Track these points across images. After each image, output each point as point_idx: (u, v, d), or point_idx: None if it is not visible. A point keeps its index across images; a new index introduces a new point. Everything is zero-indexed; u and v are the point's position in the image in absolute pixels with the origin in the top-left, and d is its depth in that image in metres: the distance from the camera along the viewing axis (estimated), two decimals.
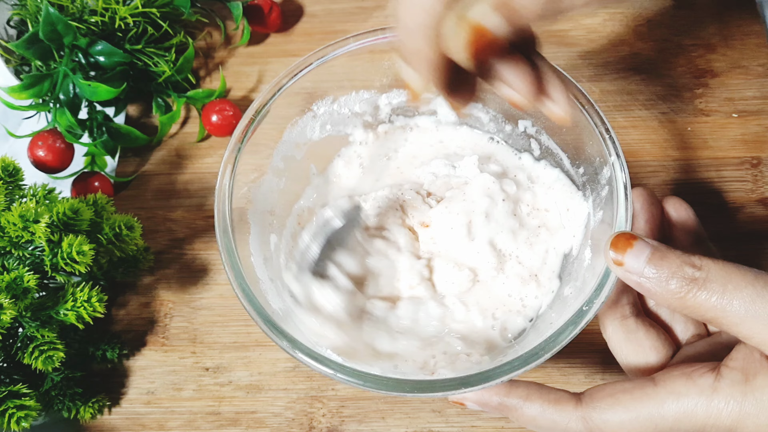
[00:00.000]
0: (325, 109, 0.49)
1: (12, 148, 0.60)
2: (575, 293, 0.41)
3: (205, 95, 0.61)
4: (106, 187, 0.57)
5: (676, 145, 0.56)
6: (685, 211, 0.43)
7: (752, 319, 0.31)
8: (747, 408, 0.31)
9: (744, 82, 0.58)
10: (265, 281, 0.43)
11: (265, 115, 0.45)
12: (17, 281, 0.42)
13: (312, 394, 0.50)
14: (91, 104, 0.58)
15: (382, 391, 0.36)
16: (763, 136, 0.56)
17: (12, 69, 0.58)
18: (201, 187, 0.58)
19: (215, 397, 0.50)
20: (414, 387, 0.36)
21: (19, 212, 0.43)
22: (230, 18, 0.64)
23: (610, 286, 0.37)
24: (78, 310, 0.44)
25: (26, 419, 0.43)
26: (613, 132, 0.41)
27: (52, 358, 0.44)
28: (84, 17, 0.57)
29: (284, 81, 0.45)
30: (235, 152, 0.43)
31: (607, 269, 0.37)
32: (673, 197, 0.44)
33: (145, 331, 0.53)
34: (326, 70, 0.46)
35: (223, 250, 0.40)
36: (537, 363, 0.35)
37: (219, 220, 0.41)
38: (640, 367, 0.37)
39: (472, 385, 0.35)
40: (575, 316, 0.36)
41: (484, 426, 0.47)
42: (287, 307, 0.42)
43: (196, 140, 0.61)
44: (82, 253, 0.43)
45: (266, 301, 0.41)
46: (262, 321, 0.38)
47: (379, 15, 0.65)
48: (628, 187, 0.40)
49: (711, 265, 0.32)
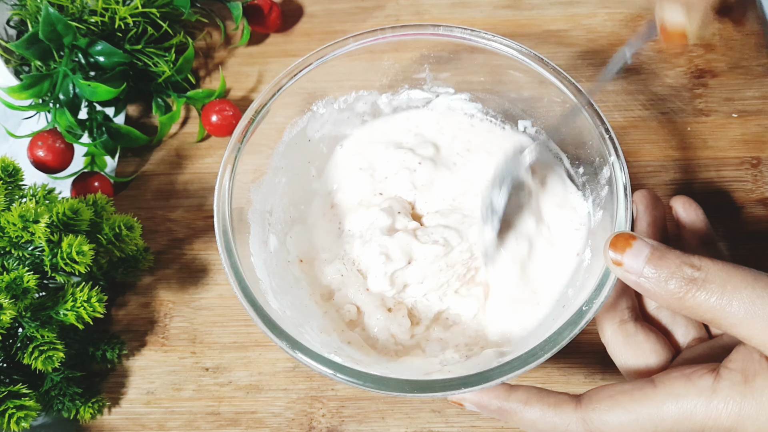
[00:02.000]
0: (325, 109, 0.49)
1: (12, 148, 0.60)
2: (575, 293, 0.41)
3: (204, 95, 0.61)
4: (106, 188, 0.57)
5: (676, 145, 0.56)
6: (694, 211, 0.43)
7: (751, 319, 0.31)
8: (746, 409, 0.31)
9: (744, 82, 0.58)
10: (265, 281, 0.43)
11: (264, 115, 0.45)
12: (17, 281, 0.42)
13: (312, 394, 0.50)
14: (90, 104, 0.58)
15: (381, 391, 0.36)
16: (763, 136, 0.56)
17: (12, 69, 0.58)
18: (201, 187, 0.58)
19: (215, 398, 0.50)
20: (414, 387, 0.36)
21: (19, 212, 0.43)
22: (230, 18, 0.64)
23: (609, 286, 0.37)
24: (78, 311, 0.44)
25: (26, 419, 0.43)
26: (613, 132, 0.41)
27: (52, 358, 0.44)
28: (84, 17, 0.57)
29: (284, 81, 0.45)
30: (235, 152, 0.43)
31: (606, 270, 0.37)
32: (682, 196, 0.44)
33: (145, 332, 0.53)
34: (326, 70, 0.46)
35: (223, 250, 0.40)
36: (537, 363, 0.35)
37: (219, 220, 0.41)
38: (640, 370, 0.37)
39: (472, 385, 0.35)
40: (575, 316, 0.36)
41: (484, 426, 0.47)
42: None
43: (195, 140, 0.61)
44: (82, 253, 0.43)
45: (266, 301, 0.41)
46: (262, 321, 0.38)
47: (379, 15, 0.65)
48: (628, 188, 0.40)
49: (710, 266, 0.32)
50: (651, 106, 0.58)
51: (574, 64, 0.60)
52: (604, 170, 0.42)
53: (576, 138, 0.44)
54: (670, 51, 0.60)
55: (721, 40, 0.61)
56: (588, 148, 0.43)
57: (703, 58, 0.60)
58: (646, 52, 0.60)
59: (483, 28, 0.62)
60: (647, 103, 0.58)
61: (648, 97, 0.59)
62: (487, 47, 0.46)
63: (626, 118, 0.58)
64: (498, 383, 0.35)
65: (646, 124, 0.57)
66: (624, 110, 0.58)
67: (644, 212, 0.42)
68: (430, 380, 0.36)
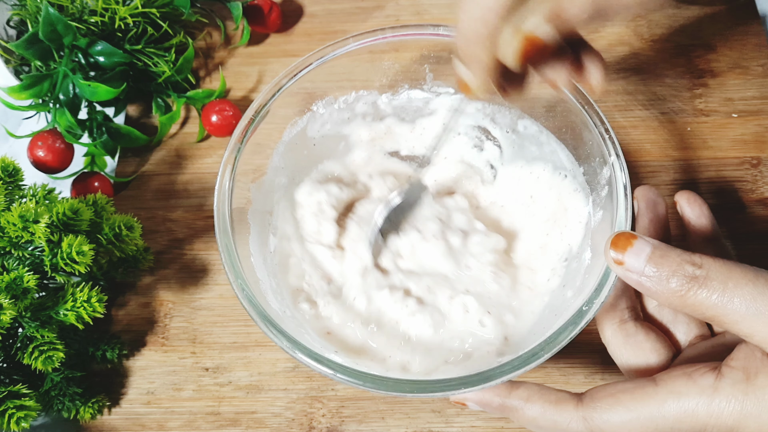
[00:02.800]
0: (325, 109, 0.49)
1: (12, 148, 0.60)
2: (575, 293, 0.41)
3: (204, 95, 0.61)
4: (106, 188, 0.57)
5: (676, 146, 0.56)
6: (698, 207, 0.43)
7: (753, 316, 0.31)
8: (748, 407, 0.31)
9: (744, 82, 0.58)
10: (265, 281, 0.43)
11: (264, 115, 0.45)
12: (17, 281, 0.42)
13: (312, 395, 0.49)
14: (90, 104, 0.58)
15: (381, 391, 0.36)
16: (763, 136, 0.56)
17: (12, 69, 0.58)
18: (201, 187, 0.58)
19: (215, 398, 0.50)
20: (414, 387, 0.36)
21: (19, 212, 0.43)
22: (230, 18, 0.64)
23: (609, 286, 0.37)
24: (78, 311, 0.44)
25: (26, 419, 0.43)
26: (613, 132, 0.41)
27: (52, 358, 0.44)
28: (84, 17, 0.57)
29: (284, 81, 0.45)
30: (235, 152, 0.43)
31: (607, 269, 0.37)
32: (686, 192, 0.43)
33: (145, 332, 0.53)
34: (326, 70, 0.47)
35: (223, 250, 0.40)
36: (537, 363, 0.35)
37: (219, 220, 0.41)
38: (641, 369, 0.37)
39: (473, 385, 0.35)
40: (575, 316, 0.36)
41: (484, 426, 0.47)
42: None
43: (195, 140, 0.61)
44: (82, 253, 0.43)
45: (266, 301, 0.40)
46: (262, 321, 0.38)
47: (379, 15, 0.65)
48: (628, 188, 0.40)
49: (711, 263, 0.32)
50: (651, 106, 0.58)
51: None
52: (604, 170, 0.42)
53: (576, 138, 0.44)
54: (669, 51, 0.60)
55: (721, 40, 0.61)
56: (588, 148, 0.43)
57: (703, 58, 0.60)
58: (645, 52, 0.60)
59: None
60: (647, 103, 0.58)
61: (648, 97, 0.59)
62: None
63: (626, 118, 0.58)
64: (498, 383, 0.35)
65: (645, 124, 0.57)
66: (624, 110, 0.58)
67: (645, 209, 0.42)
68: (430, 380, 0.36)
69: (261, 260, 0.44)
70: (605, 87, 0.39)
